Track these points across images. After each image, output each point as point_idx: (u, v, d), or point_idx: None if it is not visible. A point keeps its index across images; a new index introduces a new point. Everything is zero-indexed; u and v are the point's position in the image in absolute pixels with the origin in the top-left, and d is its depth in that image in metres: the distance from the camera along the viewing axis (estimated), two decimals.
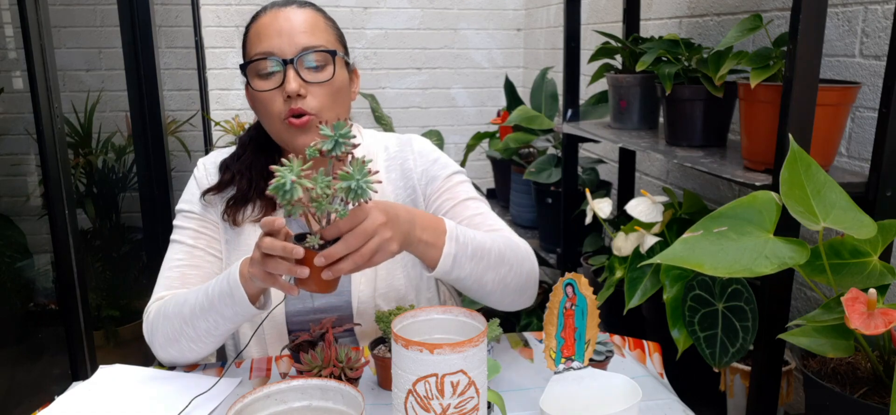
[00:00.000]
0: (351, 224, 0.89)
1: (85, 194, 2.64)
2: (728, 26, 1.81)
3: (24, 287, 2.31)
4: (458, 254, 1.03)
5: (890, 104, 1.15)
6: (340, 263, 0.89)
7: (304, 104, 1.12)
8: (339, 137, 0.84)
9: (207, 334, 1.06)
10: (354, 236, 0.89)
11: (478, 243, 1.06)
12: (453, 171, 1.24)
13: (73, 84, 2.80)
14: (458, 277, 1.05)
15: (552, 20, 3.09)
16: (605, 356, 1.03)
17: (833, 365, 0.95)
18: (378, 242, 0.91)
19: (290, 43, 1.12)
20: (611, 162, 2.52)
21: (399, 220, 0.96)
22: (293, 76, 1.11)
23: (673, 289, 1.39)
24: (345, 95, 1.19)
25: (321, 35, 1.15)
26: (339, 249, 0.88)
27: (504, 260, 1.09)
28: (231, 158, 1.24)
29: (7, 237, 2.21)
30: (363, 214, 0.90)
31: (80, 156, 2.64)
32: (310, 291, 0.91)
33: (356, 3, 3.26)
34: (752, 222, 0.91)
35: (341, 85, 1.17)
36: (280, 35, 1.12)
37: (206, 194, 1.21)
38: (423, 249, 1.01)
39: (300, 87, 1.11)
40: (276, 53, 1.11)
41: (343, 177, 0.84)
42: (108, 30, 2.83)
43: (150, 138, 2.30)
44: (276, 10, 1.15)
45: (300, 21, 1.13)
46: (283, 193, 0.82)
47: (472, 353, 0.76)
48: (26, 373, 2.19)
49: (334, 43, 1.17)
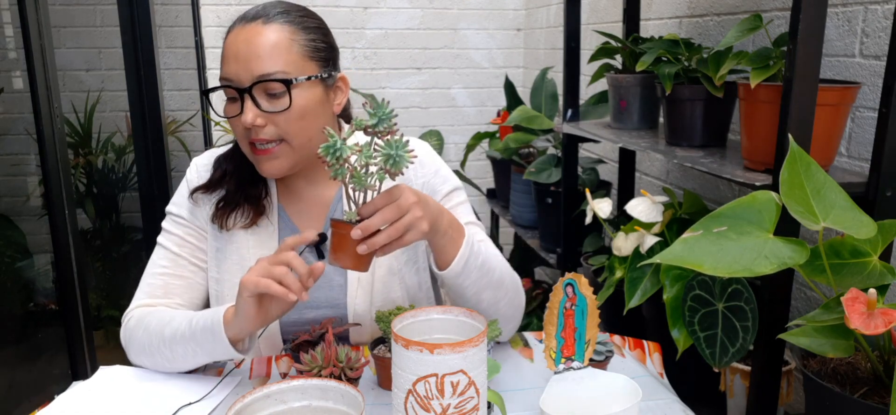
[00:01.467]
0: (387, 200, 0.93)
1: (85, 194, 2.64)
2: (728, 26, 1.81)
3: (24, 287, 2.31)
4: (469, 260, 1.04)
5: (890, 104, 1.15)
6: (376, 237, 0.92)
7: (263, 134, 1.07)
8: (382, 115, 0.89)
9: (184, 359, 1.05)
10: (390, 210, 0.92)
11: (486, 258, 1.08)
12: (453, 187, 1.23)
13: (73, 84, 2.80)
14: (462, 284, 1.05)
15: (552, 20, 3.09)
16: (605, 356, 1.03)
17: (833, 365, 0.95)
18: (411, 218, 0.94)
19: (245, 69, 1.06)
20: (611, 162, 2.52)
21: (429, 204, 0.98)
22: (250, 106, 1.06)
23: (673, 289, 1.39)
24: (315, 115, 1.10)
25: (280, 59, 1.06)
26: (375, 221, 0.91)
27: (503, 284, 1.10)
28: (226, 154, 1.22)
29: (7, 237, 2.21)
30: (398, 192, 0.94)
31: (80, 156, 2.64)
32: (344, 267, 0.94)
33: (356, 3, 3.26)
34: (752, 222, 0.91)
35: (306, 108, 1.09)
36: (237, 60, 1.06)
37: (194, 193, 1.19)
38: (444, 243, 1.02)
39: (256, 118, 1.06)
40: (233, 80, 1.07)
41: (383, 147, 0.89)
42: (108, 30, 2.83)
43: (149, 138, 2.29)
44: (241, 26, 1.09)
45: (259, 43, 1.06)
46: (334, 151, 0.88)
47: (472, 353, 0.76)
48: (26, 373, 2.19)
49: (298, 63, 1.08)
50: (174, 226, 1.20)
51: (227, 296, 1.16)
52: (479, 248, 1.07)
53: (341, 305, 1.18)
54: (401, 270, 1.19)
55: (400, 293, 1.19)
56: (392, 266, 1.19)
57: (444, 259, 1.03)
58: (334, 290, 1.18)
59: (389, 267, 1.18)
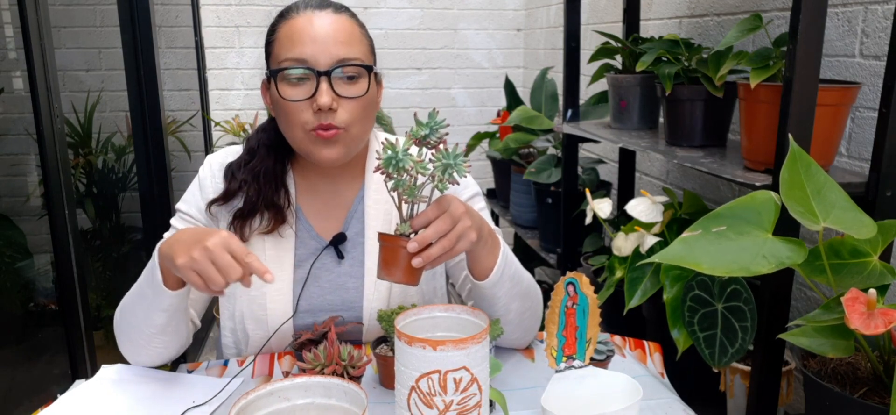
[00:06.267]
0: (438, 211, 0.92)
1: (85, 194, 2.64)
2: (728, 26, 1.82)
3: (24, 287, 2.31)
4: (505, 270, 1.04)
5: (890, 104, 1.15)
6: (430, 250, 0.90)
7: (334, 118, 1.07)
8: (434, 125, 0.89)
9: (145, 322, 1.02)
10: (443, 221, 0.91)
11: (516, 269, 1.08)
12: (474, 192, 1.22)
13: (73, 84, 2.80)
14: (495, 295, 1.05)
15: (552, 20, 3.09)
16: (605, 356, 1.03)
17: (833, 365, 0.96)
18: (462, 228, 0.93)
19: (325, 52, 1.06)
20: (611, 162, 2.52)
21: (473, 213, 0.97)
22: (326, 89, 1.05)
23: (673, 289, 1.39)
24: (373, 108, 1.15)
25: (357, 47, 1.09)
26: (430, 233, 0.90)
27: (529, 294, 1.10)
28: (237, 163, 1.18)
29: (7, 237, 2.20)
30: (447, 202, 0.93)
31: (80, 156, 2.64)
32: (395, 281, 0.92)
33: (356, 3, 3.26)
34: (751, 222, 0.92)
35: (372, 99, 1.13)
36: (314, 42, 1.06)
37: (211, 206, 1.15)
38: (484, 253, 1.02)
39: (332, 101, 1.06)
40: (310, 62, 1.06)
41: (438, 157, 0.89)
42: (108, 30, 2.83)
43: (150, 138, 2.29)
44: (311, 12, 1.09)
45: (337, 29, 1.08)
46: (395, 162, 0.87)
47: (474, 350, 0.76)
48: (26, 373, 2.19)
49: (368, 55, 1.12)
50: (183, 223, 1.17)
51: (239, 294, 1.15)
52: (512, 258, 1.07)
53: (357, 307, 1.17)
54: None
55: (417, 299, 1.19)
56: None
57: (482, 269, 1.02)
58: (350, 292, 1.17)
59: None
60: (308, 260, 1.17)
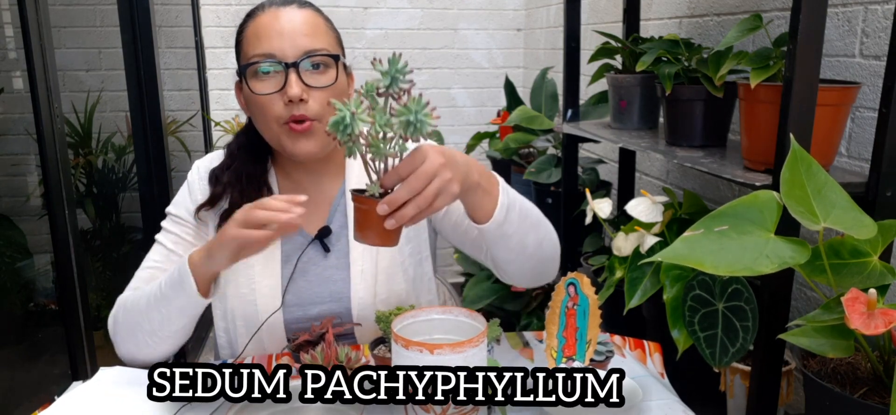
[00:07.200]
0: (410, 168, 0.85)
1: (85, 194, 2.64)
2: (728, 26, 1.81)
3: (24, 287, 2.31)
4: (510, 206, 1.00)
5: (890, 104, 1.15)
6: (403, 209, 0.85)
7: (305, 110, 1.09)
8: (396, 72, 0.80)
9: (161, 326, 1.06)
10: (416, 179, 0.85)
11: (522, 201, 1.05)
12: None
13: (73, 84, 2.80)
14: (506, 233, 1.01)
15: (552, 20, 3.09)
16: (605, 356, 1.03)
17: (833, 365, 0.95)
18: (439, 183, 0.86)
19: (292, 45, 1.09)
20: (611, 162, 2.52)
21: (457, 161, 0.91)
22: (295, 80, 1.08)
23: (673, 289, 1.39)
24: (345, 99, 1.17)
25: (323, 38, 1.12)
26: (401, 193, 0.84)
27: (541, 224, 1.10)
28: (220, 167, 1.21)
29: (7, 237, 2.21)
30: (421, 156, 0.86)
31: (80, 156, 2.64)
32: (372, 244, 0.87)
33: (356, 3, 3.26)
34: (753, 222, 0.91)
35: (343, 89, 1.15)
36: (281, 36, 1.09)
37: (199, 212, 1.18)
38: (479, 197, 0.97)
39: (302, 92, 1.08)
40: (277, 55, 1.09)
41: (401, 112, 0.80)
42: (108, 30, 2.83)
43: (149, 138, 2.29)
44: (276, 9, 1.12)
45: (302, 22, 1.11)
46: (344, 127, 0.80)
47: (472, 353, 0.76)
48: (26, 373, 2.19)
49: (335, 46, 1.15)
50: (173, 225, 1.20)
51: (230, 294, 1.17)
52: (514, 193, 1.04)
53: (345, 299, 1.18)
54: (404, 262, 1.20)
55: (403, 286, 1.20)
56: (395, 258, 1.19)
57: (482, 213, 0.98)
58: (337, 283, 1.19)
59: (392, 259, 1.19)
60: (295, 255, 1.19)
